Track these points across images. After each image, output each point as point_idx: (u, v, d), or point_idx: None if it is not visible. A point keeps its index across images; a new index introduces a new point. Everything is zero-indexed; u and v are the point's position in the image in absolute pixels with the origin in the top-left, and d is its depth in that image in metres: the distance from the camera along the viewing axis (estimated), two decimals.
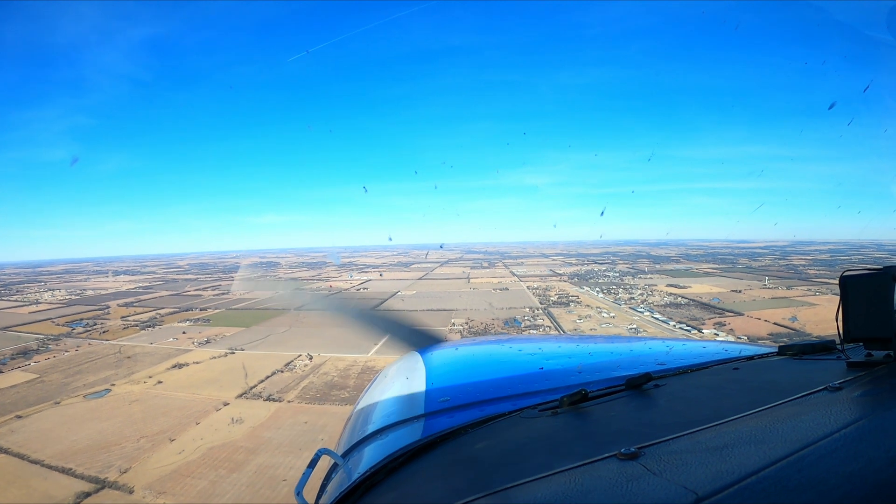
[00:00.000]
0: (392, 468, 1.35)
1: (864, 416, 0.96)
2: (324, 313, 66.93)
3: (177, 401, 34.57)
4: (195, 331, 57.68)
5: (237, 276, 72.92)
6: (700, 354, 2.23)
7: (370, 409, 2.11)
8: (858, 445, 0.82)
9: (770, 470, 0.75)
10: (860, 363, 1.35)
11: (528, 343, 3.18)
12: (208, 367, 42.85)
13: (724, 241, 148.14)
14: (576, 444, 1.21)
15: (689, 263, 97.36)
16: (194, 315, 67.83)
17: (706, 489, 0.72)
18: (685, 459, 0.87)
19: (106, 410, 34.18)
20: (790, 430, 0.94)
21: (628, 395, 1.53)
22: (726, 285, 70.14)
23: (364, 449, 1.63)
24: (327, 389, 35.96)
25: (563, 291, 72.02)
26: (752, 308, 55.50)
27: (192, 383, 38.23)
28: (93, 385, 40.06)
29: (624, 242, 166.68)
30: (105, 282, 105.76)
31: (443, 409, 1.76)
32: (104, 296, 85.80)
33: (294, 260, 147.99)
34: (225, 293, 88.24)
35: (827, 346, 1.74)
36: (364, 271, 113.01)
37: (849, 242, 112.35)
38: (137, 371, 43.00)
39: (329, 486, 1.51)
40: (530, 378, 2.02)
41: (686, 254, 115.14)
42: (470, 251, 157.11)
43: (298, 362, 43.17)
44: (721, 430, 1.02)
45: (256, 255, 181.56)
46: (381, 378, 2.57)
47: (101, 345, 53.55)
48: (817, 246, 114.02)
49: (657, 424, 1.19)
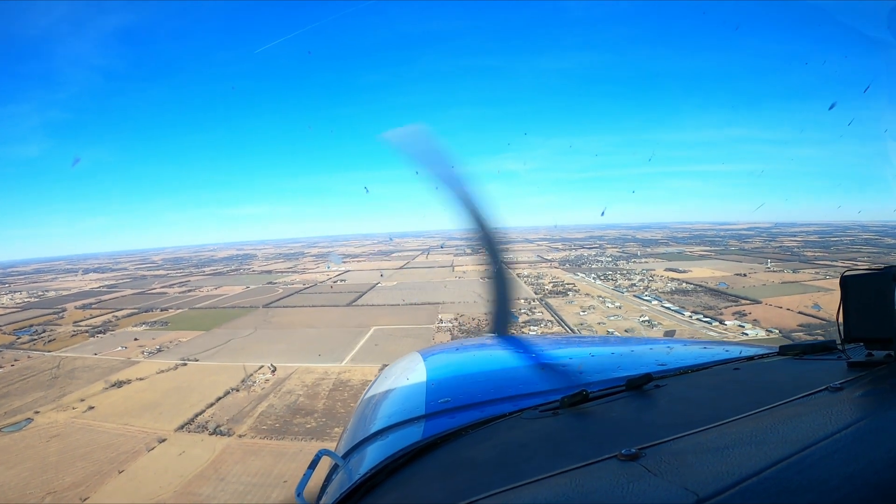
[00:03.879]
0: (393, 469, 1.34)
1: (865, 416, 0.96)
2: (295, 311, 61.58)
3: (103, 435, 28.27)
4: (149, 336, 51.20)
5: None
6: (700, 355, 2.22)
7: (371, 409, 2.08)
8: (859, 446, 0.82)
9: (771, 471, 0.75)
10: (861, 363, 1.35)
11: (528, 344, 3.13)
12: (152, 384, 36.44)
13: (708, 223, 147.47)
14: (576, 444, 1.22)
15: (679, 246, 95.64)
16: (153, 316, 61.59)
17: (707, 490, 0.72)
18: (686, 460, 0.87)
19: (17, 451, 27.88)
20: (791, 430, 0.94)
21: (629, 395, 1.52)
22: (727, 269, 66.89)
23: (365, 450, 1.62)
24: (290, 415, 29.92)
25: (557, 279, 67.14)
26: (765, 294, 52.10)
27: (128, 409, 31.91)
28: (15, 412, 33.81)
29: (606, 226, 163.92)
30: (72, 281, 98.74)
31: (443, 410, 1.74)
32: (65, 297, 79.18)
33: (271, 251, 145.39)
34: (191, 290, 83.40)
35: (827, 347, 1.74)
36: (344, 261, 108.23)
37: (832, 224, 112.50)
38: (70, 392, 36.60)
39: (329, 488, 1.50)
40: (531, 379, 2.03)
41: (672, 236, 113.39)
42: (451, 238, 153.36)
43: (259, 376, 37.10)
44: (722, 430, 1.02)
45: (234, 248, 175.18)
46: (382, 379, 2.54)
47: (42, 357, 47.13)
48: (800, 228, 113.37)
49: (658, 425, 1.19)
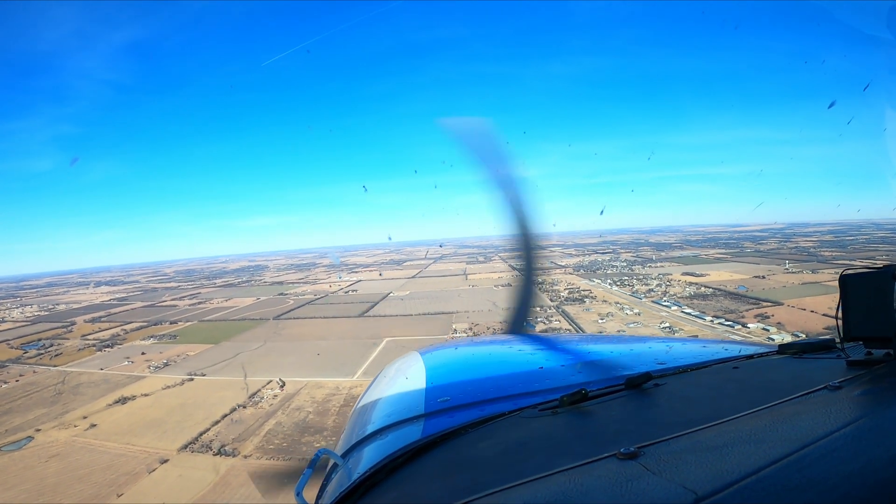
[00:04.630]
0: (392, 468, 1.34)
1: (865, 415, 0.96)
2: (306, 323, 60.45)
3: (104, 455, 27.13)
4: (156, 350, 50.40)
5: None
6: (700, 354, 2.21)
7: (370, 408, 2.08)
8: (858, 445, 0.82)
9: (770, 469, 0.75)
10: (860, 362, 1.35)
11: (527, 342, 3.12)
12: (157, 401, 35.35)
13: (721, 225, 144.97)
14: (575, 443, 1.22)
15: (694, 249, 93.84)
16: (162, 329, 60.99)
17: (706, 489, 0.72)
18: (685, 459, 0.87)
19: (15, 471, 26.84)
20: (790, 429, 0.94)
21: (628, 394, 1.51)
22: (745, 271, 64.87)
23: (364, 449, 1.61)
24: (298, 434, 28.50)
25: (573, 285, 65.29)
26: (785, 296, 50.19)
27: (131, 426, 30.78)
28: (17, 430, 33.01)
29: (618, 231, 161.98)
30: (83, 294, 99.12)
31: (443, 409, 1.73)
32: (75, 310, 79.14)
33: (283, 262, 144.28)
34: (202, 302, 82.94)
35: (827, 345, 1.73)
36: (355, 271, 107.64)
37: (845, 223, 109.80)
38: (73, 409, 35.65)
39: (329, 487, 1.49)
40: (530, 377, 2.02)
41: (686, 240, 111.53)
42: (464, 245, 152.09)
43: (267, 392, 35.86)
44: (721, 429, 1.02)
45: (246, 259, 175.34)
46: (382, 378, 2.52)
47: (48, 372, 46.60)
48: (814, 227, 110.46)
49: (657, 424, 1.19)
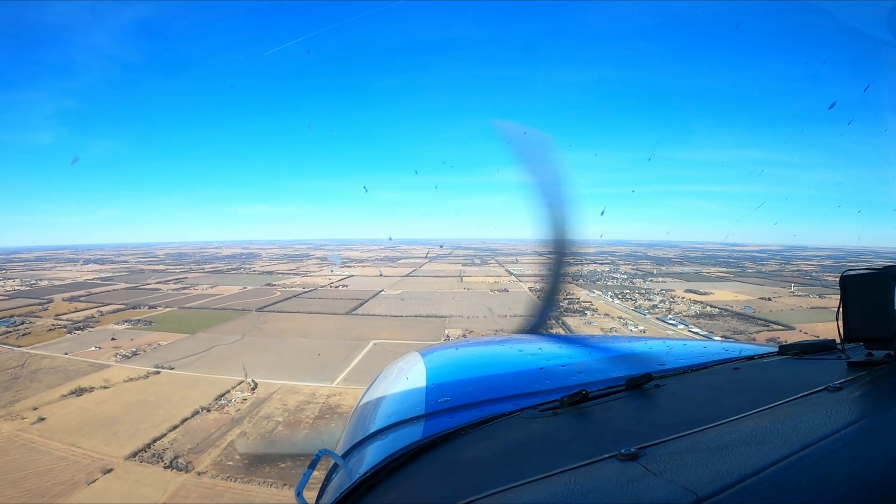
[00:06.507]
0: (392, 468, 1.34)
1: (865, 416, 0.96)
2: (290, 317, 57.51)
3: (45, 457, 24.24)
4: (128, 336, 47.42)
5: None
6: (700, 354, 2.22)
7: (370, 408, 2.08)
8: (859, 446, 0.82)
9: (770, 470, 0.75)
10: (860, 363, 1.35)
11: (528, 343, 3.14)
12: (115, 395, 32.42)
13: (719, 244, 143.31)
14: (576, 444, 1.21)
15: (695, 266, 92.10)
16: (139, 314, 57.94)
17: (706, 490, 0.72)
18: (685, 460, 0.87)
19: None
20: (790, 430, 0.94)
21: (628, 395, 1.51)
22: (750, 292, 63.15)
23: (364, 449, 1.61)
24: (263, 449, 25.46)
25: (572, 296, 62.62)
26: (795, 320, 48.75)
27: (81, 424, 27.86)
28: None
29: (616, 242, 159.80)
30: (69, 271, 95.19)
31: (443, 410, 1.73)
32: (56, 287, 75.77)
33: (276, 252, 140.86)
34: (186, 287, 79.91)
35: (827, 346, 1.72)
36: (347, 265, 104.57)
37: (844, 248, 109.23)
38: (26, 397, 32.68)
39: (329, 487, 1.50)
40: (530, 378, 2.02)
41: (685, 255, 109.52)
42: (459, 247, 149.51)
43: (235, 394, 32.94)
44: (721, 430, 1.02)
45: (239, 246, 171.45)
46: (382, 378, 2.53)
47: (11, 353, 43.69)
48: (812, 251, 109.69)
49: (657, 425, 1.18)
